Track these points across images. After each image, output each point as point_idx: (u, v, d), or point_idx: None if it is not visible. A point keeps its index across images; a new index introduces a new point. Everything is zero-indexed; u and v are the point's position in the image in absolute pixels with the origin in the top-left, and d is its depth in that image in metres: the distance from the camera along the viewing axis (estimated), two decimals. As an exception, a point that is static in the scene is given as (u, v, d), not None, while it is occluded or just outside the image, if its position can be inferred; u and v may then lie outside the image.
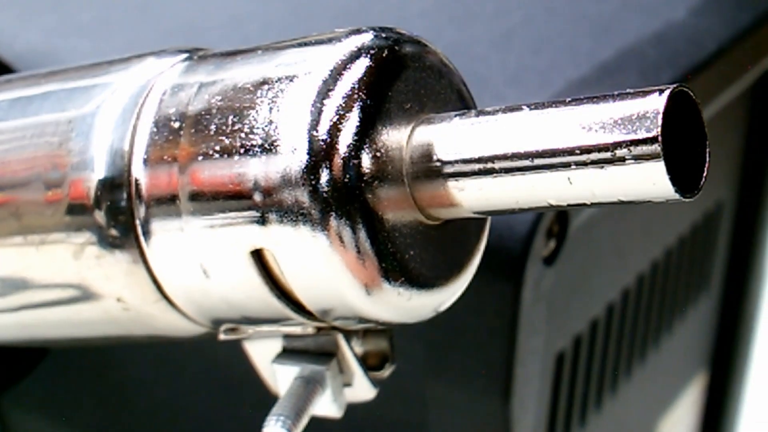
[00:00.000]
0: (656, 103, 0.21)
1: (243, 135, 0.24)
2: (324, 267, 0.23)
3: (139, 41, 0.42)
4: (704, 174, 0.22)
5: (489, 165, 0.23)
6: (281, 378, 0.27)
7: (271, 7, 0.45)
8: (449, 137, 0.23)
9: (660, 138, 0.21)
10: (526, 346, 0.34)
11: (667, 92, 0.21)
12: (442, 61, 0.25)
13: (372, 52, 0.24)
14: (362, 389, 0.27)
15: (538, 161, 0.22)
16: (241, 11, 0.45)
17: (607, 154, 0.21)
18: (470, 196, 0.23)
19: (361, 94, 0.23)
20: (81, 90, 0.27)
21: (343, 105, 0.23)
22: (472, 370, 0.35)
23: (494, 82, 0.39)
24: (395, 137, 0.24)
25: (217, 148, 0.24)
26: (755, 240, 0.53)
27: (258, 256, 0.24)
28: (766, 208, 0.53)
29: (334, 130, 0.23)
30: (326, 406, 0.27)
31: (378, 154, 0.23)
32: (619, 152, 0.21)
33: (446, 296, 0.25)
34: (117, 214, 0.25)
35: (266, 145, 0.23)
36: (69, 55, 0.41)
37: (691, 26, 0.44)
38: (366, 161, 0.23)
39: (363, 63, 0.24)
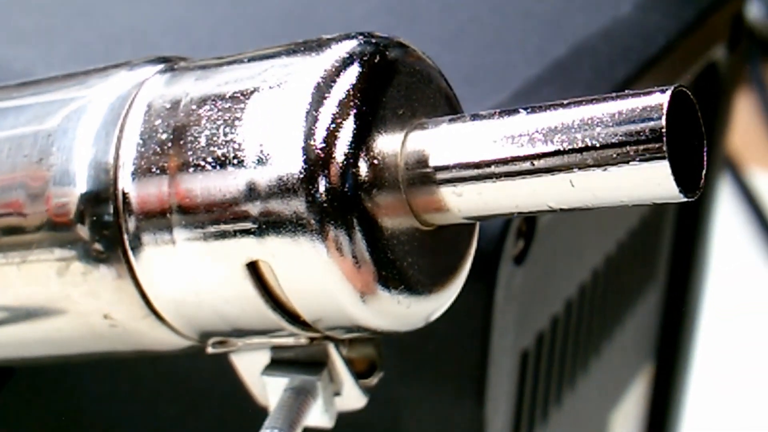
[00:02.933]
0: (659, 102, 0.21)
1: (236, 145, 0.23)
2: (323, 277, 0.23)
3: (85, 48, 0.41)
4: (703, 173, 0.22)
5: (488, 170, 0.23)
6: (271, 390, 0.26)
7: (217, 11, 0.44)
8: (445, 142, 0.23)
9: (665, 137, 0.21)
10: (499, 346, 0.34)
11: (669, 92, 0.21)
12: (430, 66, 0.25)
13: (364, 57, 0.23)
14: (352, 398, 0.27)
15: (538, 164, 0.22)
16: (187, 16, 0.44)
17: (611, 155, 0.21)
18: (468, 201, 0.23)
19: (355, 100, 0.23)
20: (59, 103, 0.26)
21: (338, 112, 0.23)
22: (445, 371, 0.35)
23: (449, 82, 0.39)
24: (390, 144, 0.23)
25: (210, 159, 0.23)
26: (699, 229, 0.54)
27: (253, 268, 0.24)
28: (709, 199, 0.54)
29: (331, 138, 0.23)
30: (317, 416, 0.27)
31: (374, 161, 0.23)
32: (623, 152, 0.21)
33: (442, 302, 0.25)
34: (102, 228, 0.25)
35: (261, 155, 0.23)
36: (13, 63, 0.40)
37: (638, 21, 0.44)
38: (363, 169, 0.23)
39: (356, 69, 0.23)
